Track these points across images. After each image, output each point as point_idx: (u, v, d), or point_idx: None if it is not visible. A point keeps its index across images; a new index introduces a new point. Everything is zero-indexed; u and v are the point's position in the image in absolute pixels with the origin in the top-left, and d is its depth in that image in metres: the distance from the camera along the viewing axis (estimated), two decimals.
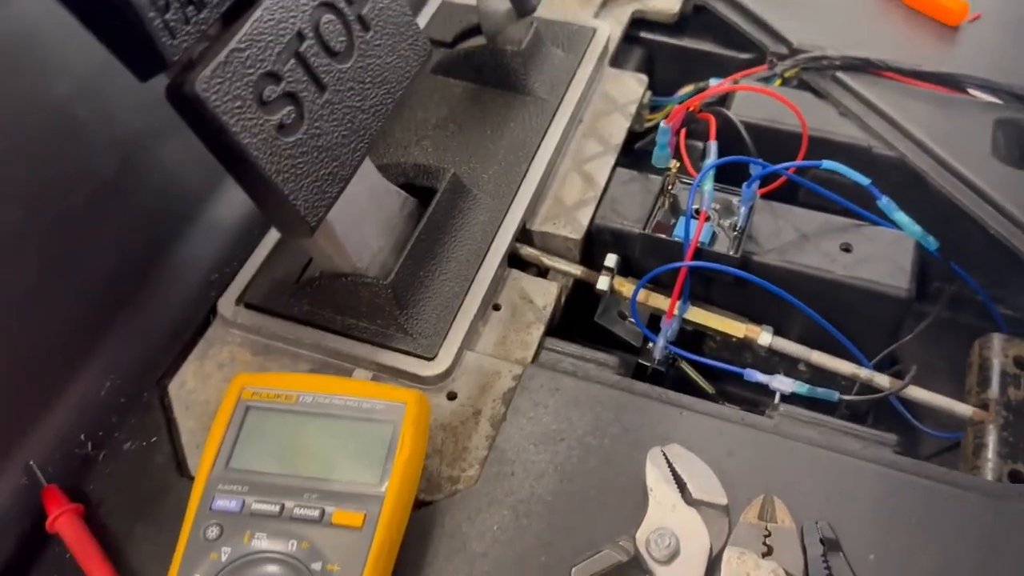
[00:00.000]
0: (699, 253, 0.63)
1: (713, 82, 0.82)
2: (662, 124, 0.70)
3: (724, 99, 0.79)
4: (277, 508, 0.46)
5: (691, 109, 0.72)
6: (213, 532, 0.46)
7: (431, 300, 0.60)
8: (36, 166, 0.55)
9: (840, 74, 0.78)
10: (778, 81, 0.80)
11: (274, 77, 0.47)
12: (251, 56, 0.46)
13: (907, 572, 0.49)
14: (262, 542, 0.45)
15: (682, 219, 0.65)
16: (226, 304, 0.61)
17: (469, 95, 0.74)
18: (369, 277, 0.58)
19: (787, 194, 0.71)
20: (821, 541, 0.49)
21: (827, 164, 0.62)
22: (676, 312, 0.63)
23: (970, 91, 0.76)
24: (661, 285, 0.65)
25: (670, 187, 0.68)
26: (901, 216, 0.64)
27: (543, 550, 0.50)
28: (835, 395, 0.60)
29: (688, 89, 0.85)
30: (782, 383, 0.61)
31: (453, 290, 0.61)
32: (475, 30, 0.77)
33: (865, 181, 0.62)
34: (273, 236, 0.65)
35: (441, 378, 0.58)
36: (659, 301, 0.65)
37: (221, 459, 0.48)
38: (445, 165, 0.66)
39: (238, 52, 0.45)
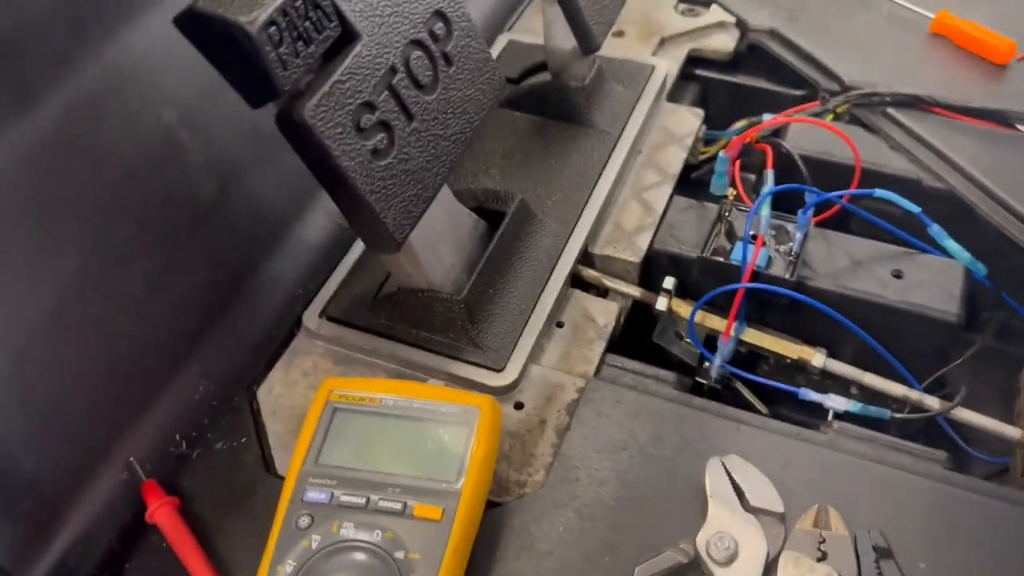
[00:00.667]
0: (755, 276, 0.66)
1: (766, 117, 0.85)
2: (721, 154, 0.73)
3: (778, 132, 0.82)
4: (363, 500, 0.50)
5: (748, 140, 0.76)
6: (304, 521, 0.49)
7: (500, 316, 0.64)
8: (144, 188, 0.60)
9: (890, 110, 0.81)
10: (830, 116, 0.83)
11: (370, 107, 0.52)
12: (351, 88, 0.51)
13: None
14: (349, 531, 0.49)
15: (739, 244, 0.68)
16: (310, 317, 0.66)
17: (534, 127, 0.79)
18: (443, 293, 0.62)
19: (840, 223, 0.74)
20: (874, 549, 0.51)
21: (879, 192, 0.65)
22: (732, 332, 0.66)
23: (1018, 127, 0.78)
24: (717, 307, 0.68)
25: (727, 214, 0.71)
26: (951, 243, 0.66)
27: (607, 551, 0.53)
28: (887, 413, 0.63)
29: (742, 123, 0.88)
30: (836, 401, 0.63)
31: (520, 307, 0.65)
32: (540, 67, 0.82)
33: (916, 209, 0.65)
34: (354, 255, 0.69)
35: (509, 389, 0.62)
36: (715, 322, 0.68)
37: (311, 455, 0.52)
38: (513, 191, 0.70)
39: (340, 84, 0.50)
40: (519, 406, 0.62)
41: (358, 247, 0.70)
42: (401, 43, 0.54)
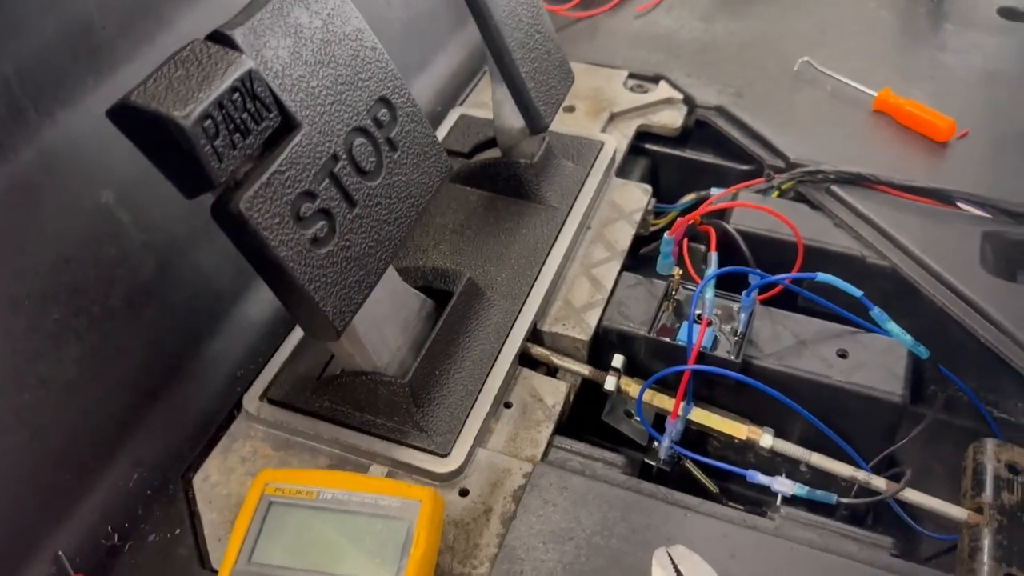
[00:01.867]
0: (702, 357, 0.66)
1: (714, 191, 0.86)
2: (665, 236, 0.74)
3: (722, 214, 0.83)
4: None
5: (692, 222, 0.76)
6: None
7: (446, 398, 0.63)
8: (80, 269, 0.59)
9: (834, 187, 0.83)
10: (775, 193, 0.84)
11: (310, 195, 0.51)
12: (290, 177, 0.50)
13: None
14: None
15: (685, 324, 0.68)
16: (250, 399, 0.64)
17: (484, 203, 0.79)
18: (388, 376, 0.61)
19: (785, 300, 0.74)
20: None
21: (821, 277, 0.66)
22: (680, 413, 0.66)
23: (959, 204, 0.80)
24: (666, 386, 0.68)
25: (674, 292, 0.71)
26: (893, 326, 0.67)
27: None
28: (833, 498, 0.62)
29: (690, 198, 0.90)
30: (783, 485, 0.63)
31: (467, 388, 0.64)
32: (492, 142, 0.82)
33: (857, 293, 0.66)
34: (297, 334, 0.68)
35: (454, 475, 0.61)
36: (664, 401, 0.68)
37: (244, 553, 0.51)
38: (461, 268, 0.70)
39: (279, 174, 0.50)
40: (464, 493, 0.60)
41: None
42: (344, 131, 0.54)
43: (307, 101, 0.52)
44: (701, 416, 0.68)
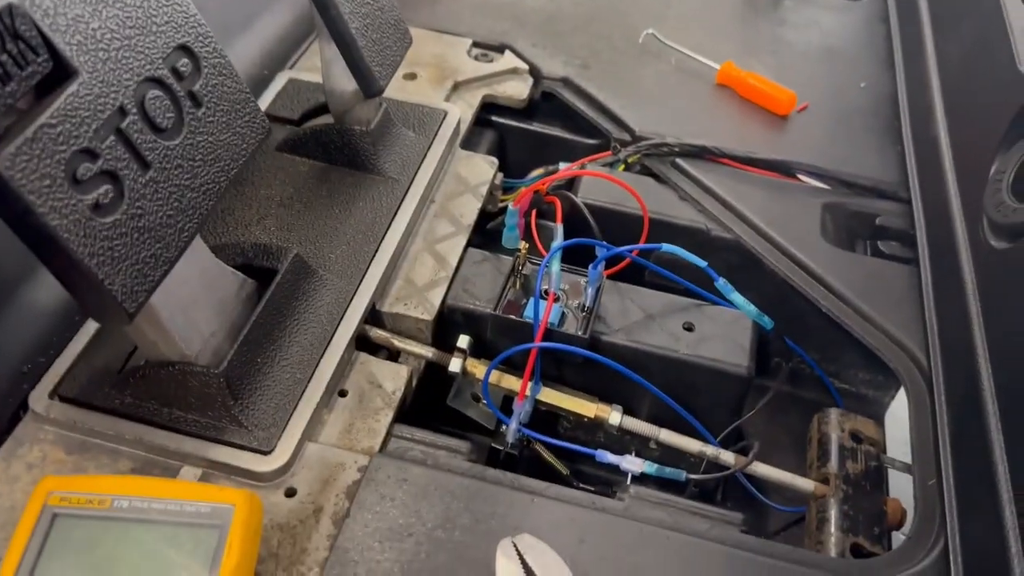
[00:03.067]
0: (549, 334, 0.63)
1: (563, 166, 0.84)
2: (510, 207, 0.70)
3: (572, 183, 0.81)
4: None
5: (538, 191, 0.73)
6: None
7: (269, 388, 0.57)
8: None
9: (679, 160, 0.82)
10: (621, 166, 0.82)
11: (90, 154, 0.44)
12: (64, 132, 0.42)
13: None
14: None
15: (532, 300, 0.64)
16: (38, 398, 0.56)
17: (316, 174, 0.73)
18: (199, 365, 0.54)
19: (633, 274, 0.72)
20: None
21: (666, 247, 0.64)
22: (528, 394, 0.63)
23: (800, 177, 0.81)
24: (513, 366, 0.65)
25: (520, 267, 0.68)
26: (737, 297, 0.66)
27: None
28: (682, 475, 0.61)
29: (539, 172, 0.87)
30: (632, 464, 0.60)
31: (295, 377, 0.58)
32: (323, 108, 0.76)
33: (702, 264, 0.64)
34: (95, 322, 0.60)
35: (279, 473, 0.55)
36: (512, 382, 0.64)
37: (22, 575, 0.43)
38: (289, 244, 0.63)
39: (49, 128, 0.42)
40: (291, 492, 0.54)
41: None
42: (133, 81, 0.46)
43: (86, 45, 0.44)
44: (550, 396, 0.65)
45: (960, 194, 0.68)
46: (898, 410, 0.81)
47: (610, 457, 0.61)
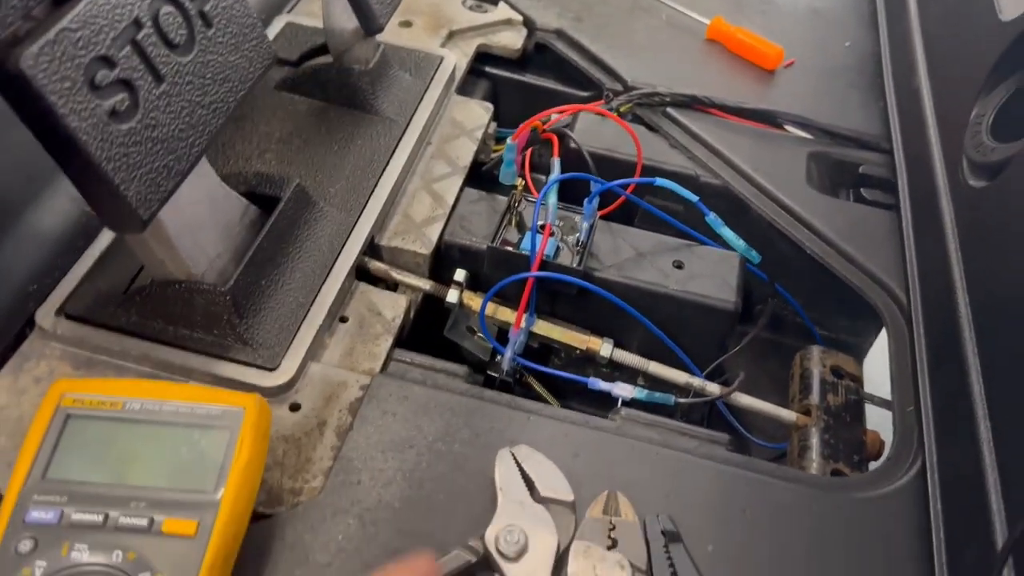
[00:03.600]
0: (544, 266, 0.64)
1: (555, 117, 0.85)
2: (509, 141, 0.72)
3: (567, 128, 0.82)
4: (100, 518, 0.43)
5: (536, 127, 0.74)
6: (26, 546, 0.41)
7: (273, 310, 0.58)
8: None
9: (670, 110, 0.83)
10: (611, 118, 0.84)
11: (108, 62, 0.45)
12: (83, 38, 0.43)
13: (742, 559, 0.51)
14: (83, 554, 0.41)
15: (528, 234, 0.66)
16: (45, 315, 0.57)
17: (315, 112, 0.74)
18: (205, 284, 0.55)
19: (624, 219, 0.74)
20: (663, 533, 0.50)
21: (660, 181, 0.66)
22: (523, 324, 0.64)
23: (786, 127, 0.83)
24: (508, 299, 0.66)
25: (516, 205, 0.69)
26: (727, 231, 0.68)
27: (391, 557, 0.49)
28: (671, 399, 0.63)
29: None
30: (623, 390, 0.63)
31: (298, 300, 0.60)
32: (321, 50, 0.77)
33: (694, 198, 0.66)
34: (100, 245, 0.61)
35: (283, 389, 0.56)
36: (507, 315, 0.66)
37: (37, 469, 0.44)
38: (290, 176, 0.65)
39: (69, 32, 0.43)
40: (295, 407, 0.56)
41: (106, 236, 0.61)
42: None
43: None
44: (543, 328, 0.67)
45: (940, 140, 0.70)
46: (877, 356, 0.84)
47: (601, 384, 0.63)
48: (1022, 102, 0.62)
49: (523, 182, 0.69)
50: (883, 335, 0.72)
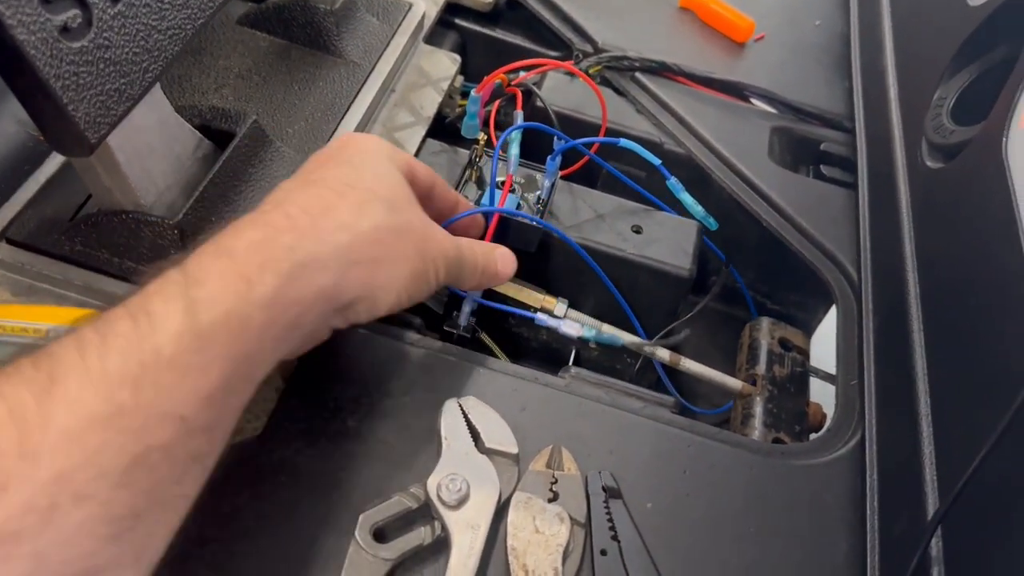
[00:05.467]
0: (504, 219, 0.64)
1: (523, 74, 0.84)
2: (472, 93, 0.71)
3: (530, 93, 0.81)
4: None
5: (501, 81, 0.73)
6: None
7: None
8: None
9: (639, 75, 0.83)
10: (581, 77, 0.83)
11: None
12: None
13: (680, 518, 0.52)
14: None
15: (488, 191, 0.65)
16: None
17: (276, 50, 0.72)
18: (153, 216, 0.54)
19: (587, 180, 0.74)
20: (604, 489, 0.51)
21: (624, 142, 0.66)
22: None
23: (752, 100, 0.83)
24: None
25: (478, 159, 0.68)
26: (686, 196, 0.68)
27: (332, 503, 0.49)
28: (620, 340, 0.63)
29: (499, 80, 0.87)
30: (571, 327, 0.63)
31: None
32: None
33: (656, 161, 0.66)
34: (47, 171, 0.59)
35: None
36: None
37: None
38: (247, 113, 0.63)
39: None
40: None
41: (53, 162, 0.59)
42: None
43: None
44: (500, 286, 0.66)
45: (902, 121, 0.71)
46: (825, 333, 0.85)
47: (550, 320, 0.63)
48: (984, 86, 0.63)
49: (486, 136, 0.68)
50: (832, 312, 0.73)
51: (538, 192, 0.67)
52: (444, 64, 0.79)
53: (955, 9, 0.70)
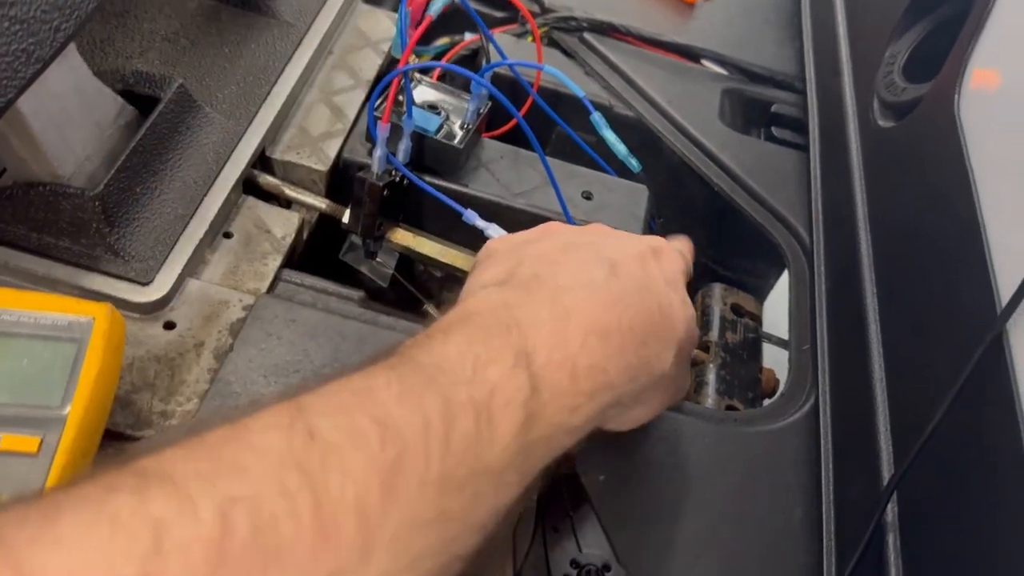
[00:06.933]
0: (421, 138, 0.61)
1: (468, 36, 0.81)
2: (403, 7, 0.66)
3: (476, 53, 0.78)
4: None
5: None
6: None
7: (149, 220, 0.54)
8: None
9: (588, 36, 0.81)
10: (529, 38, 0.81)
11: None
12: None
13: (634, 490, 0.51)
14: None
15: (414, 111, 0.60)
16: None
17: (205, 11, 0.68)
18: (72, 187, 0.50)
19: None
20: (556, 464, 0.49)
21: (548, 69, 0.63)
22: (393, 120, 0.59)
23: (703, 62, 0.81)
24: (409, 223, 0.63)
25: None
26: (608, 133, 0.66)
27: None
28: None
29: (444, 41, 0.84)
30: (496, 231, 0.60)
31: (177, 212, 0.55)
32: None
33: (580, 93, 0.63)
34: None
35: (157, 306, 0.52)
36: (399, 235, 0.63)
37: None
38: (174, 77, 0.59)
39: None
40: (170, 326, 0.52)
41: None
42: None
43: None
44: (426, 247, 0.64)
45: (854, 79, 0.70)
46: (777, 298, 0.84)
47: (479, 221, 0.60)
48: (936, 43, 0.62)
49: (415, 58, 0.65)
50: (785, 278, 0.72)
51: (463, 119, 0.64)
52: (384, 24, 0.76)
53: None
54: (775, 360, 0.68)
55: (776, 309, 0.74)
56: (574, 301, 0.39)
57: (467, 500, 0.33)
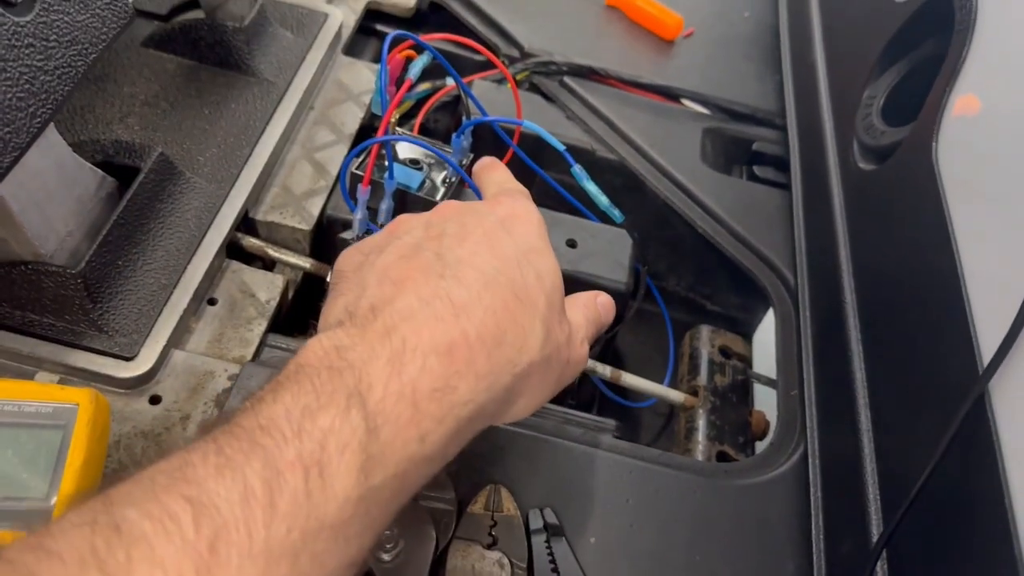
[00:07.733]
0: (403, 195, 0.61)
1: (449, 82, 0.81)
2: (383, 62, 0.66)
3: (458, 99, 0.79)
4: None
5: (410, 57, 0.70)
6: None
7: (132, 293, 0.54)
8: None
9: (567, 79, 0.81)
10: (508, 84, 0.81)
11: None
12: None
13: (625, 551, 0.51)
14: None
15: (396, 167, 0.61)
16: None
17: (185, 72, 0.68)
18: (55, 265, 0.50)
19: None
20: (544, 528, 0.49)
21: (527, 124, 0.63)
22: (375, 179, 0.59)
23: (683, 101, 0.82)
24: None
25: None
26: (590, 185, 0.66)
27: None
28: None
29: (425, 87, 0.84)
30: None
31: (160, 282, 0.55)
32: (193, 3, 0.71)
33: (561, 147, 0.63)
34: None
35: (142, 380, 0.52)
36: None
37: None
38: (154, 143, 0.59)
39: None
40: (156, 400, 0.52)
41: None
42: None
43: None
44: None
45: (834, 119, 0.70)
46: (765, 334, 0.84)
47: None
48: (912, 86, 0.62)
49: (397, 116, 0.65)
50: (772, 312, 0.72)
51: (446, 172, 0.64)
52: (365, 76, 0.76)
53: (881, 4, 0.70)
54: (764, 399, 0.68)
55: (766, 343, 0.75)
56: (411, 327, 0.36)
57: (305, 564, 0.30)
